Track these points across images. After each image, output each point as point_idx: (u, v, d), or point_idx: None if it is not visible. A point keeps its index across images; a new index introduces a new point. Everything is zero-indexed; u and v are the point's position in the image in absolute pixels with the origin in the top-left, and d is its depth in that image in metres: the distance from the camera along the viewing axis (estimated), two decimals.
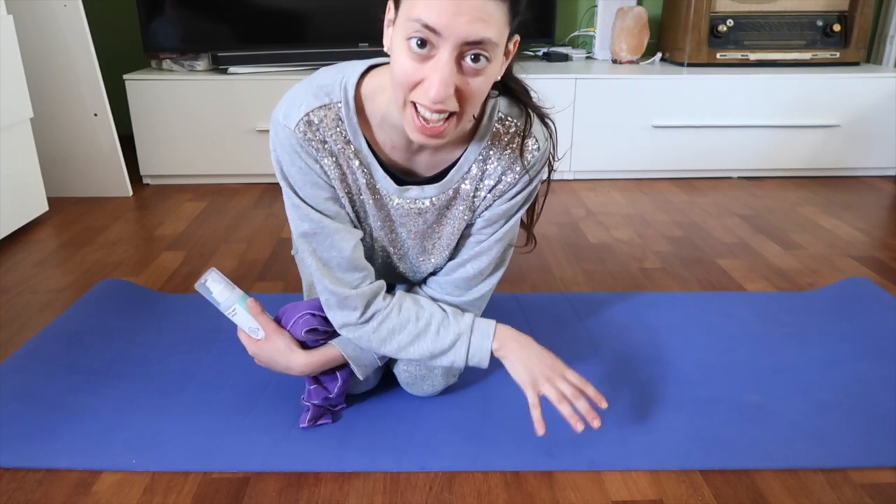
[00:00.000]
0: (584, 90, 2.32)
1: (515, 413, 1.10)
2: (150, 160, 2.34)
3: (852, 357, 1.27)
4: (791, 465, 0.99)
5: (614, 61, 2.64)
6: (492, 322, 1.02)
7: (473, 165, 0.97)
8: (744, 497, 0.94)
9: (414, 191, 0.98)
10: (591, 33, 2.78)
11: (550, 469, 0.99)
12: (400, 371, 1.12)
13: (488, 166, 0.97)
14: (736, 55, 2.49)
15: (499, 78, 0.86)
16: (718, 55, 2.48)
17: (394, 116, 0.89)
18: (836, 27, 2.47)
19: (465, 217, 1.02)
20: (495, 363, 1.01)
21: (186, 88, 2.27)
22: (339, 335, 1.06)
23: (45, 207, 2.03)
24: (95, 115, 2.16)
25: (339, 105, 0.92)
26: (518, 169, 0.97)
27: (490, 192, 0.99)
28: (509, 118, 0.96)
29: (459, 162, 0.97)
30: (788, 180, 2.45)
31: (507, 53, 0.84)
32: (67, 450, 1.02)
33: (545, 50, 2.69)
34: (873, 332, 1.35)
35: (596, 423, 0.94)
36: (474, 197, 1.00)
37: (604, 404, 0.97)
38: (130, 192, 2.28)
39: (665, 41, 2.70)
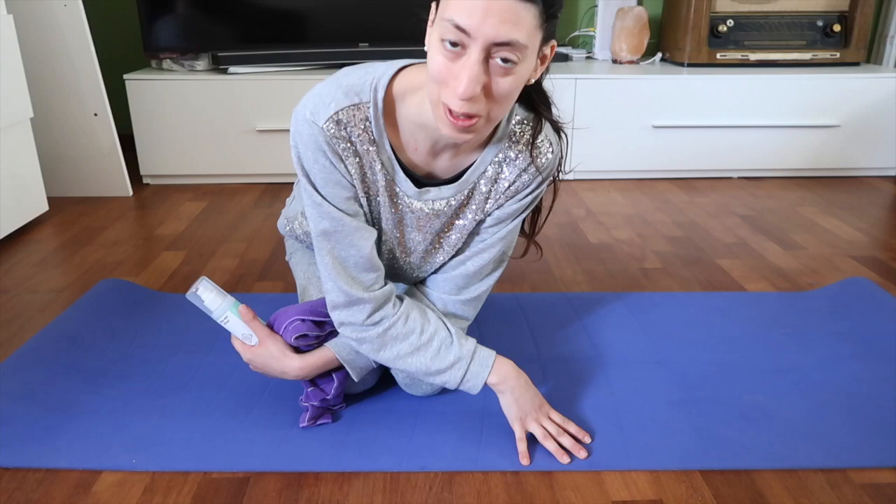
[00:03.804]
0: (584, 90, 2.32)
1: None
2: (150, 160, 2.34)
3: (852, 357, 1.27)
4: (791, 465, 0.99)
5: (614, 61, 2.64)
6: (492, 353, 1.03)
7: (489, 167, 0.98)
8: (744, 497, 0.94)
9: (432, 192, 0.99)
10: (591, 33, 2.78)
11: (550, 469, 0.99)
12: (398, 371, 1.12)
13: (504, 169, 0.99)
14: (736, 55, 2.49)
15: (532, 81, 0.87)
16: (718, 55, 2.48)
17: (424, 116, 0.90)
18: (836, 27, 2.47)
19: (476, 218, 1.03)
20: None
21: (186, 88, 2.27)
22: (331, 338, 1.06)
23: (45, 207, 2.03)
24: (95, 115, 2.16)
25: (369, 105, 0.92)
26: (532, 170, 0.98)
27: (504, 193, 1.00)
28: (526, 121, 0.97)
29: (476, 163, 0.98)
30: (788, 180, 2.45)
31: (542, 58, 0.85)
32: (67, 450, 1.02)
33: None
34: (873, 332, 1.35)
35: (582, 454, 1.01)
36: (488, 198, 1.01)
37: (587, 439, 1.04)
38: (130, 192, 2.28)
39: (665, 41, 2.70)
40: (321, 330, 1.05)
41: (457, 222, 1.03)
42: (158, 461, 0.99)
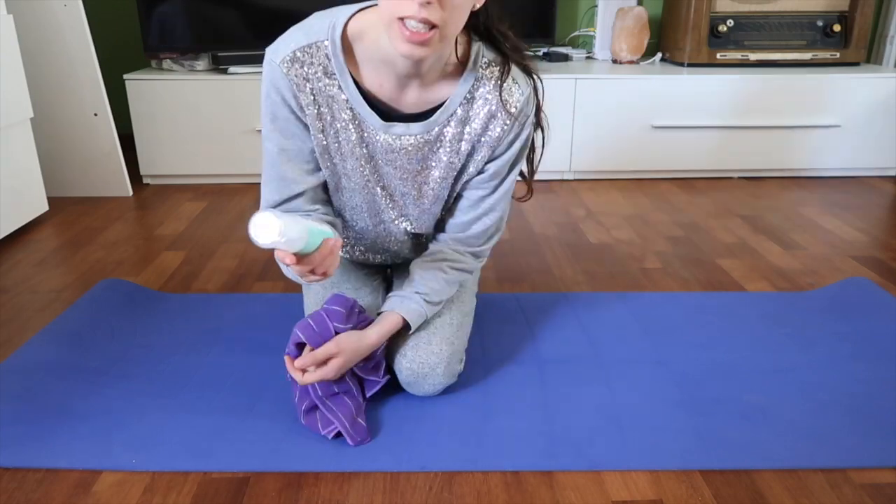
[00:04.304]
0: (584, 90, 2.32)
1: (515, 413, 1.10)
2: (150, 160, 2.34)
3: (852, 357, 1.27)
4: (791, 465, 0.99)
5: (614, 61, 2.64)
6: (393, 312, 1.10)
7: (459, 108, 1.03)
8: (744, 497, 0.94)
9: (399, 127, 1.04)
10: (591, 33, 2.78)
11: (550, 469, 0.99)
12: (402, 370, 1.12)
13: (473, 109, 1.04)
14: (736, 55, 2.49)
15: (477, 6, 0.93)
16: (718, 55, 2.48)
17: (383, 51, 0.96)
18: (836, 27, 2.47)
19: (453, 162, 1.07)
20: (498, 363, 1.00)
21: (186, 88, 2.27)
22: (337, 335, 1.06)
23: (45, 207, 2.03)
24: (95, 115, 2.16)
25: (327, 44, 0.98)
26: (504, 115, 1.03)
27: (480, 138, 1.05)
28: (493, 64, 1.03)
29: (446, 103, 1.03)
30: (788, 180, 2.45)
31: None
32: (67, 450, 1.02)
33: (545, 50, 2.69)
34: (873, 332, 1.35)
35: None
36: (461, 140, 1.06)
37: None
38: (130, 192, 2.28)
39: (665, 41, 2.70)
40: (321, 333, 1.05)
41: (431, 164, 1.07)
42: (158, 461, 0.99)
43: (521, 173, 1.15)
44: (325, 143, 1.05)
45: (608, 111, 2.34)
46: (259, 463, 0.99)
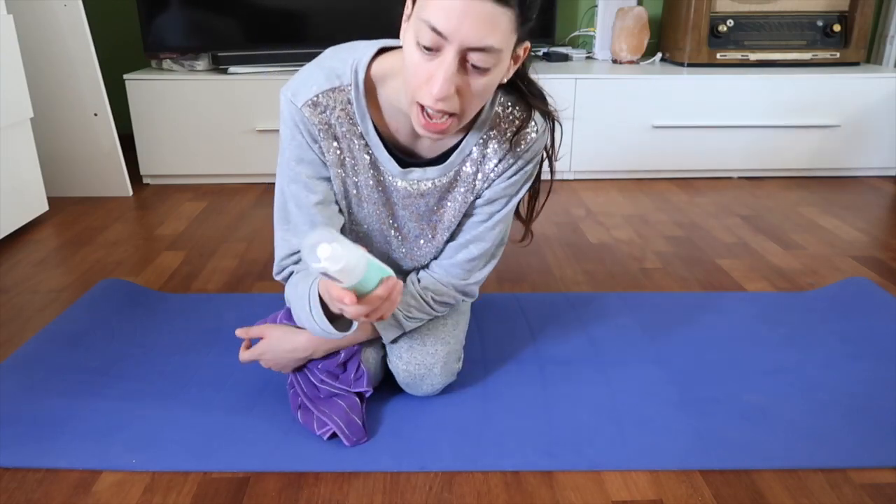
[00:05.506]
0: (584, 90, 2.32)
1: (515, 413, 1.10)
2: (150, 160, 2.34)
3: (852, 357, 1.27)
4: (791, 465, 0.99)
5: (614, 61, 2.64)
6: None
7: (475, 148, 1.01)
8: (744, 497, 0.94)
9: (416, 172, 1.02)
10: (591, 33, 2.78)
11: (550, 469, 0.99)
12: (399, 371, 1.12)
13: (489, 149, 1.02)
14: (736, 55, 2.49)
15: (504, 81, 0.90)
16: (718, 55, 2.48)
17: (402, 101, 0.94)
18: (836, 27, 2.47)
19: (467, 200, 1.06)
20: (498, 363, 0.99)
21: (186, 88, 2.26)
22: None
23: (45, 207, 2.03)
24: (95, 115, 2.16)
25: (350, 88, 0.95)
26: (518, 149, 1.01)
27: (491, 171, 1.03)
28: (510, 104, 1.00)
29: (461, 145, 1.01)
30: (788, 180, 2.45)
31: (515, 58, 0.88)
32: (67, 450, 1.02)
33: (545, 50, 2.69)
34: (873, 332, 1.35)
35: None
36: (476, 180, 1.04)
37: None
38: (130, 192, 2.28)
39: (665, 41, 2.70)
40: None
41: (447, 204, 1.06)
42: (158, 461, 0.99)
43: (519, 214, 1.12)
44: (343, 188, 1.03)
45: (608, 111, 2.34)
46: (259, 463, 0.99)
